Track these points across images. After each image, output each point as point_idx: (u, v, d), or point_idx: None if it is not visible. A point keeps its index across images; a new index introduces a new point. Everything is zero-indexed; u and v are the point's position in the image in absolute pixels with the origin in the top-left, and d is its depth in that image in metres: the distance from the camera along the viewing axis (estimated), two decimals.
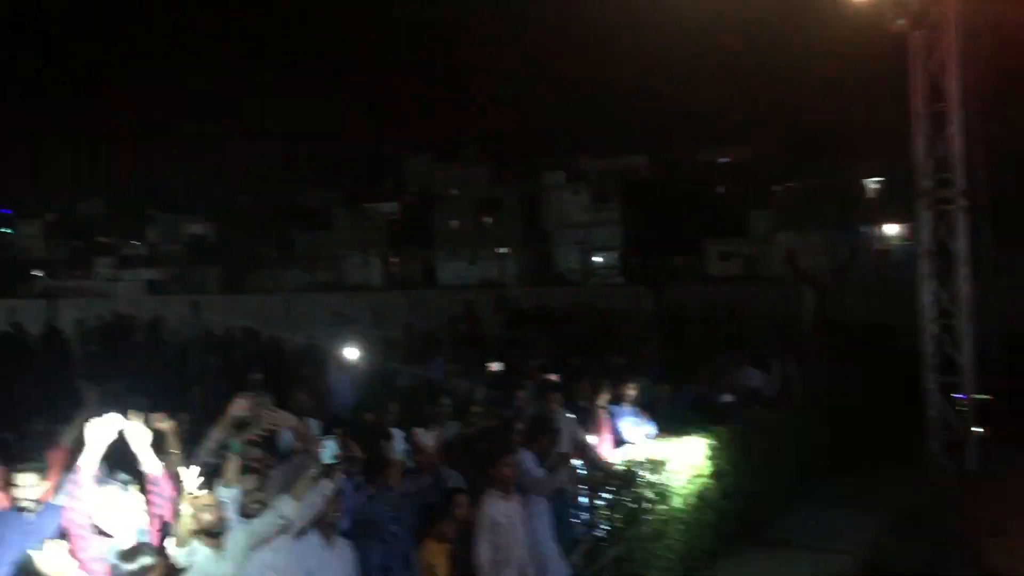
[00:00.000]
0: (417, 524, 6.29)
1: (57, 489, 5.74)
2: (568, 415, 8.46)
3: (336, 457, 5.51)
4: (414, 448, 7.11)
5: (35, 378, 12.88)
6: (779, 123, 56.59)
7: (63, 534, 5.18)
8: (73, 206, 79.11)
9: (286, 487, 5.43)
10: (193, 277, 62.58)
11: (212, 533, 4.79)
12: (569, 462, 7.47)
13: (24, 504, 5.52)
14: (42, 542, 4.87)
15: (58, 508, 5.61)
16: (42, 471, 5.68)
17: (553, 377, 10.36)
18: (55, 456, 5.97)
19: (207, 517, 4.78)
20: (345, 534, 5.90)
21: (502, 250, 55.40)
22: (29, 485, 5.54)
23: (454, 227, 57.60)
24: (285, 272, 58.28)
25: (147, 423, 5.88)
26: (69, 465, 5.75)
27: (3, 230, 77.08)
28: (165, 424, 6.07)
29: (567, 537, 7.39)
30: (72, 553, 4.92)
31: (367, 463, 6.45)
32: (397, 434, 7.38)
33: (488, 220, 56.71)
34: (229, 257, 61.71)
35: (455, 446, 7.78)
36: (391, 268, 59.59)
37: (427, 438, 7.14)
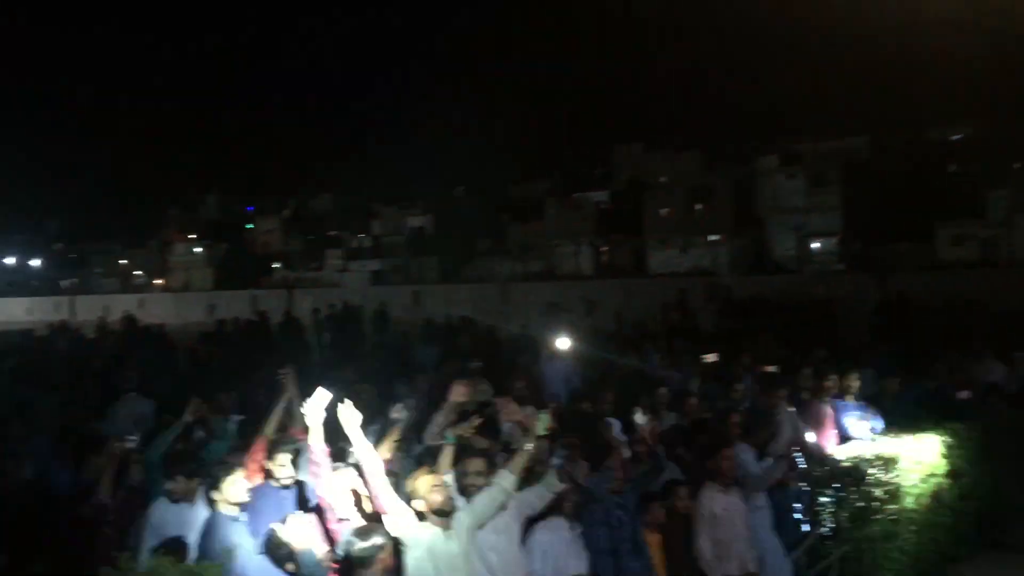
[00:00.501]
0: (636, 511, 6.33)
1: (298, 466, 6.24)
2: (789, 408, 8.21)
3: (549, 429, 5.60)
4: (632, 436, 7.14)
5: (276, 362, 13.87)
6: (1018, 94, 51.77)
7: (312, 508, 5.62)
8: (306, 202, 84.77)
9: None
10: (414, 267, 65.44)
11: (440, 513, 4.99)
12: (790, 457, 7.25)
13: (280, 480, 6.06)
14: (291, 514, 5.31)
15: (305, 484, 6.11)
16: (296, 451, 6.19)
17: (772, 369, 10.07)
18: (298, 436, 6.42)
19: (436, 497, 4.98)
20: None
21: (714, 237, 54.17)
22: (284, 464, 6.08)
23: (665, 215, 56.92)
24: (499, 262, 59.73)
25: (380, 409, 6.25)
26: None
27: (246, 226, 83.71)
28: (401, 414, 6.45)
29: (789, 533, 7.19)
30: (319, 525, 5.32)
31: (589, 449, 6.53)
32: (615, 423, 7.44)
33: (699, 207, 55.62)
34: (447, 248, 64.01)
35: (672, 437, 7.75)
36: (602, 257, 59.74)
37: (643, 421, 7.15)
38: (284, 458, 6.08)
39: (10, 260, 56.70)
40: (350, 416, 5.13)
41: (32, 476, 6.89)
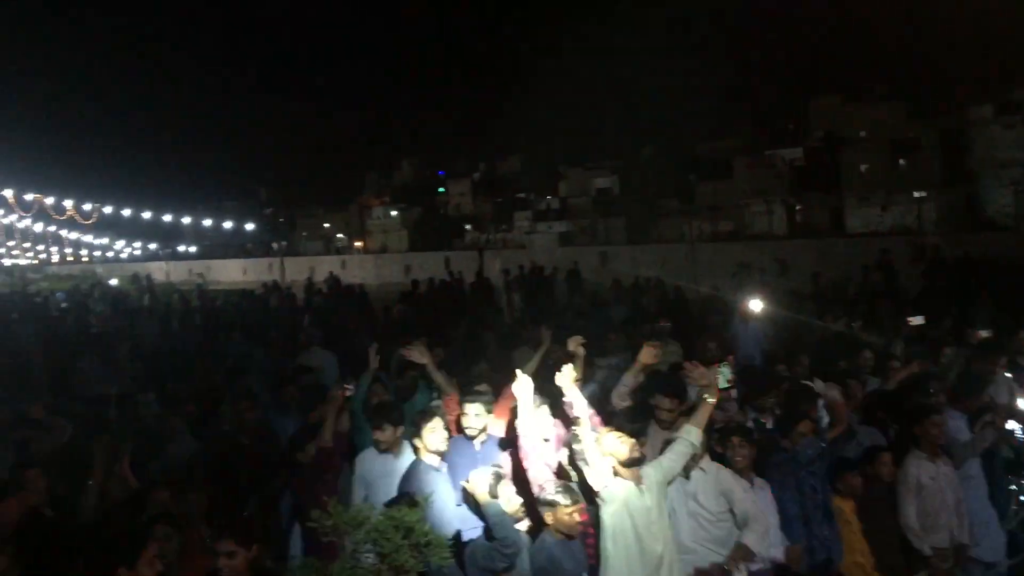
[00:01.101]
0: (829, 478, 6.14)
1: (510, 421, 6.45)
2: (1006, 374, 7.70)
3: (730, 382, 5.53)
4: (827, 402, 6.93)
5: (470, 320, 14.34)
6: None
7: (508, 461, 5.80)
8: (495, 166, 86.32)
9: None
10: (601, 228, 65.43)
11: (630, 463, 5.06)
12: (999, 424, 6.81)
13: (470, 432, 6.28)
14: (486, 467, 5.50)
15: (497, 440, 6.32)
16: (488, 403, 6.40)
17: (986, 334, 9.45)
18: (502, 391, 6.63)
19: (622, 449, 5.06)
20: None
21: (919, 194, 50.88)
22: (475, 415, 6.29)
23: (864, 171, 54.01)
24: (687, 222, 58.72)
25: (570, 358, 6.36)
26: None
27: (439, 189, 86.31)
28: (580, 349, 6.54)
29: (1004, 505, 6.78)
30: (514, 477, 5.50)
31: (781, 414, 6.39)
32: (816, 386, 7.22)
33: (903, 162, 52.36)
34: (634, 208, 63.55)
35: (874, 403, 7.45)
36: (795, 216, 57.53)
37: (833, 392, 6.92)
38: (474, 408, 6.27)
39: (227, 225, 61.32)
40: (567, 376, 5.27)
41: (257, 423, 7.48)
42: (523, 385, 5.30)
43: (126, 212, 54.74)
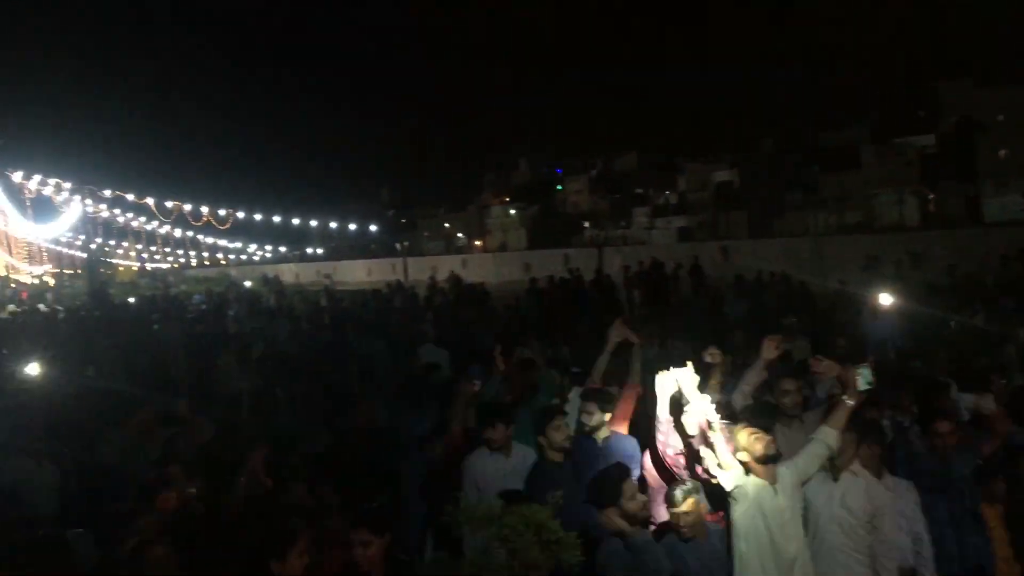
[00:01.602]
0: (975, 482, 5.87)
1: (624, 420, 6.44)
2: None
3: (871, 384, 5.35)
4: (979, 413, 6.61)
5: (590, 318, 14.33)
6: None
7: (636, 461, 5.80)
8: (611, 161, 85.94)
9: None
10: (721, 223, 64.25)
11: (764, 460, 4.99)
12: None
13: (589, 429, 6.31)
14: (608, 465, 5.51)
15: (623, 437, 6.31)
16: (608, 403, 6.40)
17: None
18: (624, 391, 6.63)
19: (757, 446, 4.98)
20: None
21: None
22: (591, 412, 6.32)
23: (1002, 156, 51.27)
24: (812, 214, 57.01)
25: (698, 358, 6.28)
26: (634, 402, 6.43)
27: (556, 187, 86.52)
28: (717, 358, 6.43)
29: None
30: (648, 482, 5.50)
31: (920, 412, 6.15)
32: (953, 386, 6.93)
33: None
34: (755, 201, 62.15)
35: (1019, 400, 7.08)
36: (928, 206, 55.06)
37: (988, 402, 6.58)
38: (589, 406, 6.28)
39: (352, 227, 63.09)
40: (688, 377, 5.26)
41: (384, 421, 7.70)
42: (685, 376, 5.30)
43: (258, 216, 56.89)
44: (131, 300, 30.31)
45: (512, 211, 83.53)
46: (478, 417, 6.42)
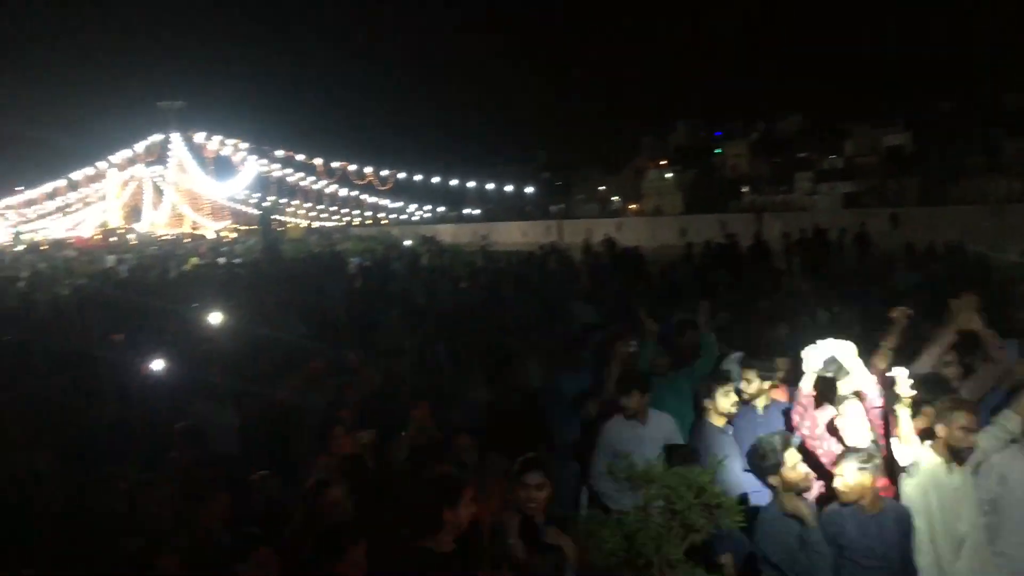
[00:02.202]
0: None
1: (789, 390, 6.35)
2: None
3: None
4: None
5: (746, 287, 14.01)
6: None
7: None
8: (774, 124, 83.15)
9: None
10: (890, 189, 61.17)
11: (957, 450, 4.83)
12: None
13: (748, 397, 6.27)
14: (768, 434, 5.45)
15: (782, 407, 6.23)
16: (770, 371, 6.34)
17: None
18: (784, 363, 6.54)
19: (966, 439, 4.82)
20: None
21: None
22: (750, 380, 6.27)
23: None
24: (992, 181, 53.43)
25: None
26: (793, 373, 6.32)
27: (714, 151, 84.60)
28: (902, 318, 6.20)
29: None
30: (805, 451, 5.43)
31: None
32: None
33: None
34: (929, 167, 58.80)
35: None
36: None
37: None
38: (750, 374, 6.27)
39: (508, 188, 63.81)
40: (847, 349, 5.18)
41: (540, 380, 7.84)
42: (844, 348, 5.22)
43: (418, 177, 58.50)
44: (300, 256, 31.85)
45: (668, 174, 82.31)
46: (616, 385, 6.47)
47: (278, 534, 4.65)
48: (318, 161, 57.10)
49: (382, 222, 73.46)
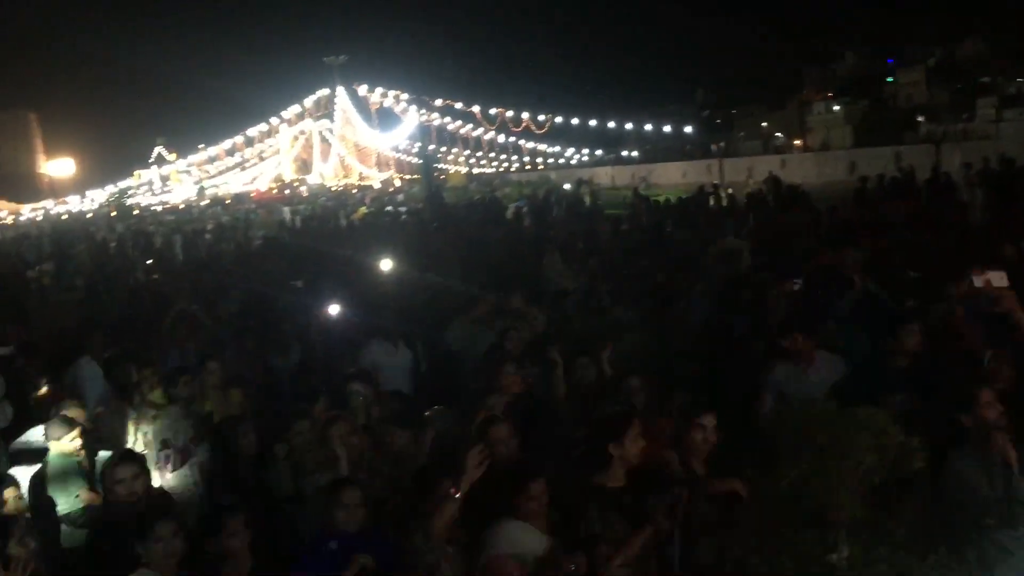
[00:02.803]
0: None
1: None
2: None
3: None
4: None
5: (925, 220, 13.31)
6: None
7: None
8: (952, 50, 77.72)
9: None
10: None
11: None
12: None
13: None
14: None
15: None
16: None
17: None
18: None
19: None
20: None
21: None
22: None
23: None
24: None
25: None
26: None
27: (886, 79, 79.97)
28: None
29: None
30: None
31: None
32: None
33: None
34: None
35: None
36: None
37: None
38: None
39: (666, 128, 62.58)
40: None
41: (705, 319, 7.79)
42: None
43: (575, 121, 58.28)
44: (461, 203, 32.53)
45: (836, 107, 78.40)
46: (777, 328, 6.33)
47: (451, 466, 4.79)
48: (476, 108, 57.85)
49: (540, 167, 73.75)
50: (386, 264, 11.45)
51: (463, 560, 4.14)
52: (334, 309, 8.82)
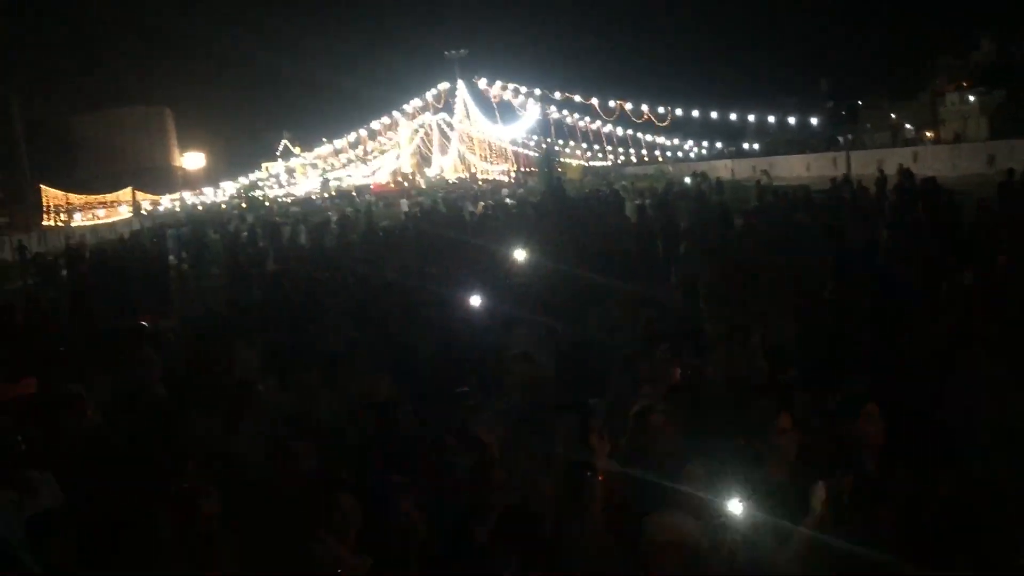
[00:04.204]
0: None
1: None
2: None
3: None
4: None
5: None
6: None
7: None
8: None
9: None
10: None
11: None
12: None
13: None
14: None
15: None
16: None
17: None
18: None
19: None
20: None
21: None
22: None
23: None
24: None
25: None
26: None
27: None
28: None
29: None
30: None
31: None
32: None
33: None
34: None
35: None
36: None
37: None
38: None
39: (790, 120, 60.97)
40: None
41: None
42: None
43: (695, 113, 57.47)
44: (581, 195, 32.56)
45: (972, 97, 74.81)
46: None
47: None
48: (594, 101, 57.67)
49: (658, 160, 72.99)
50: (521, 254, 11.66)
51: (621, 548, 4.18)
52: (476, 297, 9.03)
